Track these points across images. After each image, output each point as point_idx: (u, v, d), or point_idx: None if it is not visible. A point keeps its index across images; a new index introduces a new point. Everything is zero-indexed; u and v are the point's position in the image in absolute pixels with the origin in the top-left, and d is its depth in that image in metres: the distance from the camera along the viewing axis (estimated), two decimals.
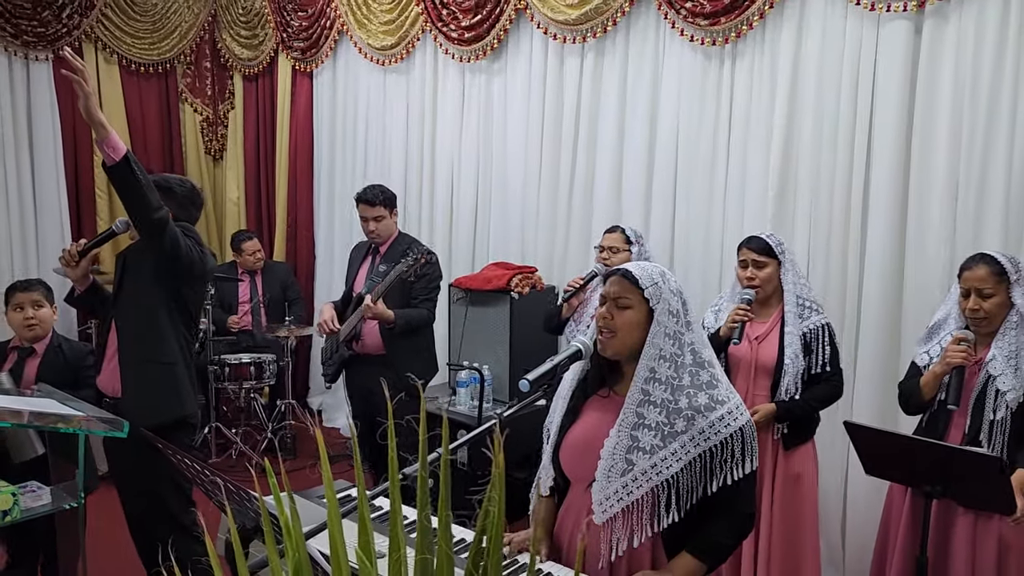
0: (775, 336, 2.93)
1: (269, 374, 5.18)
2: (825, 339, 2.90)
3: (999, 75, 3.14)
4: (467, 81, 5.06)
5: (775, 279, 2.95)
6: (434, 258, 3.91)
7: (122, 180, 2.62)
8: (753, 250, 2.95)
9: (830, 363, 2.90)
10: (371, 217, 3.85)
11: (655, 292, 1.77)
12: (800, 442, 2.93)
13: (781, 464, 2.92)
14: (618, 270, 1.84)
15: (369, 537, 0.89)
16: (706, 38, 3.87)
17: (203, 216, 6.58)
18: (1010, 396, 2.41)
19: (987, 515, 2.43)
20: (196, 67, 6.58)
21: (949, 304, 2.64)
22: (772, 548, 2.89)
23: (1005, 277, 2.46)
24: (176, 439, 2.91)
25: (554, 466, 1.92)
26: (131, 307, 2.92)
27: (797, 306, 2.92)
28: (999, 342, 2.46)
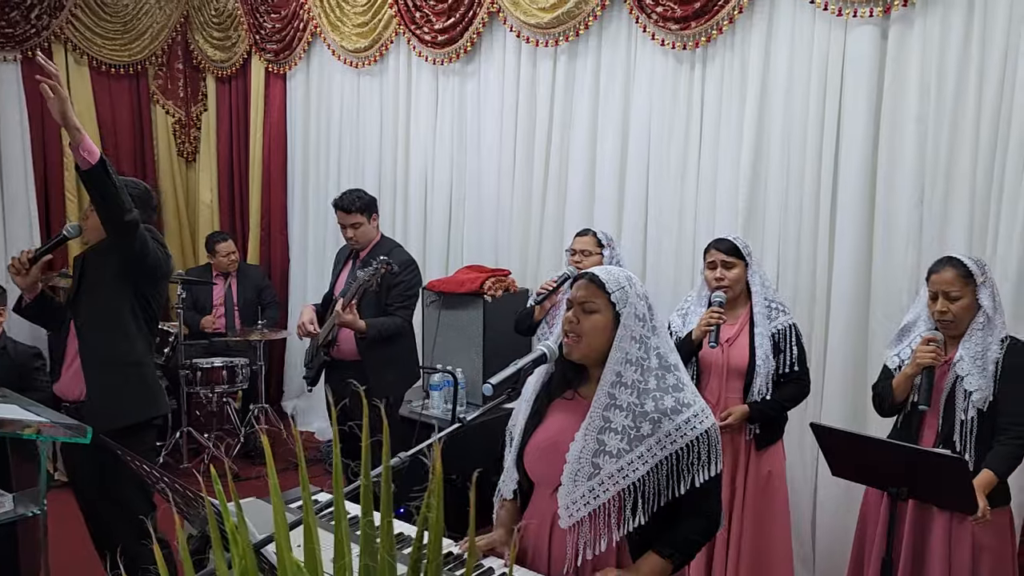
0: (744, 338, 2.96)
1: (242, 378, 5.14)
2: (793, 339, 2.96)
3: (963, 79, 3.18)
4: (440, 84, 5.05)
5: (743, 280, 2.99)
6: (413, 266, 3.85)
7: (97, 184, 2.60)
8: (721, 251, 2.98)
9: (798, 363, 2.96)
10: (348, 224, 3.81)
11: (621, 297, 1.78)
12: (771, 442, 2.99)
13: (753, 463, 2.97)
14: (585, 274, 1.85)
15: (315, 545, 0.88)
16: (677, 42, 3.89)
17: (176, 218, 6.63)
18: (977, 396, 2.45)
19: (961, 517, 2.45)
20: (168, 69, 6.52)
21: (919, 306, 2.67)
22: (743, 545, 2.92)
23: (971, 280, 2.49)
24: (142, 439, 2.90)
25: (518, 469, 1.92)
26: (94, 309, 2.89)
27: (765, 307, 2.96)
28: (966, 343, 2.50)
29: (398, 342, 3.82)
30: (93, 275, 2.90)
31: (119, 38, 6.24)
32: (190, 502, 1.49)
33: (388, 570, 0.76)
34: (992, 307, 2.49)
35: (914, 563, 2.54)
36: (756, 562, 2.92)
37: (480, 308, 4.34)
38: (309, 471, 3.05)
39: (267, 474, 0.99)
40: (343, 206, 3.80)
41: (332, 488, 0.95)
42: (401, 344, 3.86)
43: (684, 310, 3.14)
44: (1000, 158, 3.10)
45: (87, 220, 2.98)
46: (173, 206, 6.67)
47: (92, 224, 2.94)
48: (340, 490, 0.83)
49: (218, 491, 0.94)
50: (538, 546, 1.88)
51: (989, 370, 2.46)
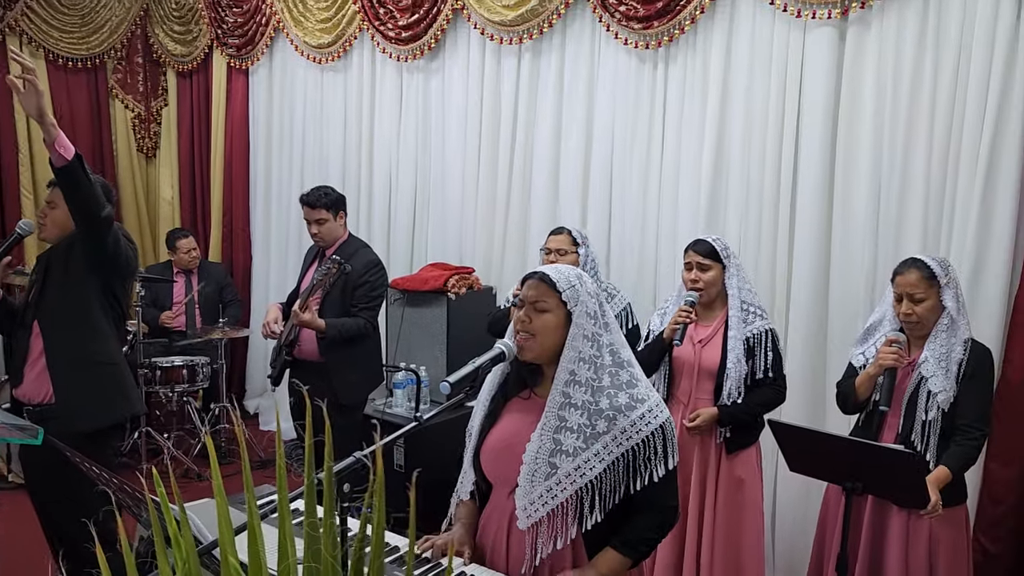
0: (719, 340, 2.93)
1: (202, 377, 5.07)
2: (768, 344, 2.91)
3: (918, 81, 3.24)
4: (405, 80, 5.03)
5: (719, 282, 2.95)
6: (378, 267, 3.79)
7: (73, 180, 2.56)
8: (698, 253, 2.95)
9: (772, 368, 2.90)
10: (313, 220, 3.75)
11: (572, 295, 1.78)
12: (742, 446, 2.94)
13: (724, 468, 2.92)
14: (535, 273, 1.84)
15: (259, 546, 0.87)
16: (640, 41, 3.91)
17: (136, 215, 6.52)
18: (941, 397, 2.47)
19: (919, 513, 2.49)
20: (127, 63, 6.41)
21: (884, 306, 2.69)
22: (715, 552, 2.89)
23: (936, 281, 2.51)
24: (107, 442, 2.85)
25: (475, 469, 1.91)
26: (61, 307, 2.82)
27: (741, 311, 2.92)
28: (931, 344, 2.52)
29: (361, 343, 3.76)
30: (57, 273, 2.83)
31: (77, 31, 6.12)
32: (140, 504, 1.47)
33: (332, 571, 0.75)
34: (956, 308, 2.51)
35: (872, 558, 2.57)
36: (726, 568, 2.89)
37: (444, 306, 4.33)
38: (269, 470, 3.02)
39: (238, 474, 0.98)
40: (308, 201, 3.75)
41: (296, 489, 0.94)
42: (365, 346, 3.80)
43: (664, 310, 3.11)
44: (954, 159, 3.17)
45: (45, 218, 2.91)
46: (133, 202, 6.56)
47: (52, 221, 2.88)
48: (284, 490, 0.82)
49: (160, 493, 0.92)
50: (496, 546, 1.87)
51: (953, 371, 2.48)
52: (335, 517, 0.76)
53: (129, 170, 6.51)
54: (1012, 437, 3.07)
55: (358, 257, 3.71)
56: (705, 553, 2.90)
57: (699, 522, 2.92)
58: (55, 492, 2.77)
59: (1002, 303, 3.09)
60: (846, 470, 2.38)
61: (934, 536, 2.48)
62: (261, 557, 0.88)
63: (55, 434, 2.45)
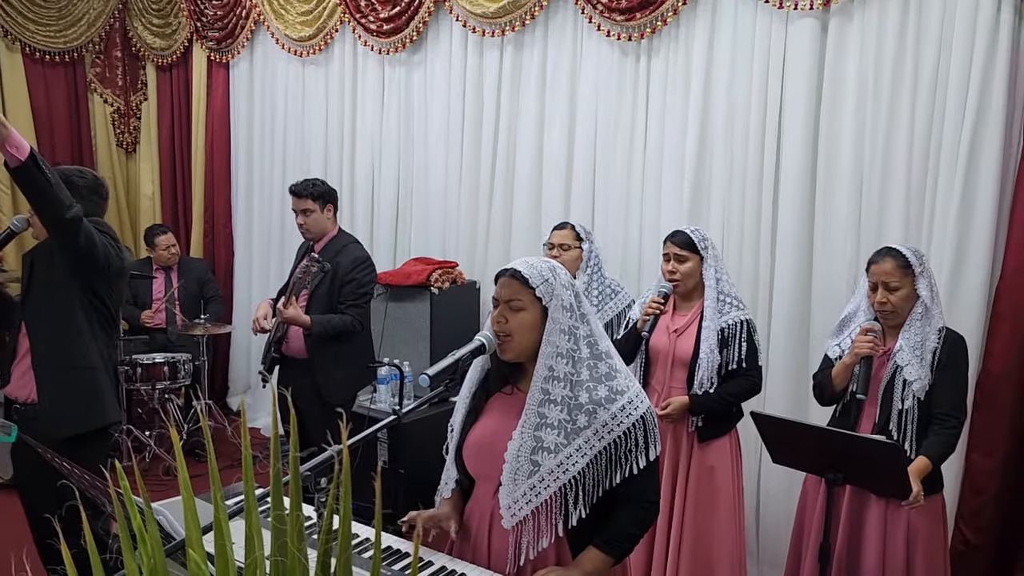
0: (693, 330, 2.95)
1: (184, 374, 5.02)
2: (743, 335, 2.91)
3: (900, 71, 3.24)
4: (387, 73, 5.00)
5: (696, 274, 2.96)
6: (365, 264, 3.69)
7: (29, 181, 2.43)
8: (676, 244, 2.96)
9: (747, 359, 2.91)
10: (299, 210, 3.67)
11: (547, 290, 1.75)
12: (716, 435, 2.94)
13: (696, 456, 2.94)
14: (506, 271, 1.80)
15: (226, 542, 0.85)
16: (622, 33, 3.90)
17: (116, 211, 6.45)
18: (916, 386, 2.48)
19: (896, 503, 2.50)
20: (106, 56, 6.34)
21: (859, 297, 2.70)
22: (683, 539, 2.91)
23: (910, 270, 2.52)
24: (96, 448, 2.77)
25: (457, 465, 1.90)
26: (43, 309, 2.75)
27: (717, 301, 2.93)
28: (906, 333, 2.53)
29: (349, 341, 3.67)
30: (42, 272, 2.75)
31: (54, 24, 6.04)
32: (110, 501, 1.44)
33: (298, 565, 0.73)
34: (930, 297, 2.52)
35: (850, 548, 2.58)
36: (696, 556, 2.90)
37: (427, 300, 4.30)
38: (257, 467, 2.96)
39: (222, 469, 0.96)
40: (295, 190, 3.68)
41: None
42: (352, 343, 3.71)
43: (643, 300, 3.11)
44: (935, 149, 3.18)
45: (34, 217, 2.80)
46: (113, 198, 6.43)
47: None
48: (250, 484, 0.80)
49: (124, 488, 0.90)
50: (478, 542, 1.86)
51: (927, 360, 2.49)
52: (300, 510, 0.74)
53: (109, 165, 6.44)
54: (993, 428, 3.09)
55: (346, 253, 3.65)
56: (674, 542, 2.91)
57: (670, 509, 2.93)
58: (42, 491, 2.73)
59: (983, 294, 3.10)
60: (828, 461, 2.38)
61: (912, 526, 2.50)
62: (228, 551, 0.86)
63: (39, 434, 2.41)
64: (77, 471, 1.53)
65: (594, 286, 3.45)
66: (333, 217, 3.76)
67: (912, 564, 2.51)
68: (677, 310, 3.00)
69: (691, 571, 2.88)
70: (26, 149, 2.39)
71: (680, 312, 3.00)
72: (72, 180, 2.80)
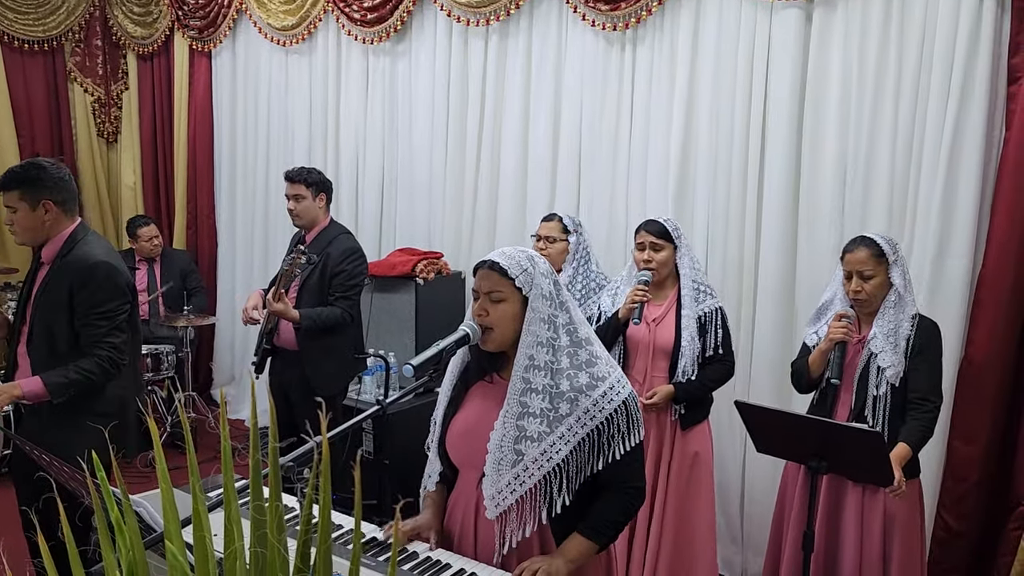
0: (671, 318, 2.98)
1: (167, 366, 4.98)
2: (718, 322, 2.98)
3: (884, 62, 3.25)
4: (371, 63, 4.96)
5: (671, 262, 3.00)
6: (355, 255, 3.66)
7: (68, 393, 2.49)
8: (651, 233, 2.99)
9: (722, 345, 2.98)
10: (290, 195, 3.65)
11: (526, 280, 1.75)
12: (695, 422, 3.00)
13: (679, 443, 2.99)
14: (484, 262, 1.80)
15: (205, 533, 0.84)
16: (607, 23, 3.88)
17: (97, 203, 6.38)
18: (890, 372, 2.52)
19: (873, 489, 2.54)
20: (86, 45, 6.25)
21: (834, 285, 2.74)
22: (665, 524, 2.94)
23: (884, 258, 2.56)
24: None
25: (440, 456, 1.89)
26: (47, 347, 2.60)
27: (693, 289, 2.98)
28: (880, 321, 2.57)
29: (338, 333, 3.65)
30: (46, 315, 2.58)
31: (32, 12, 5.96)
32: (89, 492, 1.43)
33: (277, 556, 0.72)
34: (903, 285, 2.57)
35: (828, 534, 2.62)
36: (679, 541, 2.94)
37: (412, 291, 4.29)
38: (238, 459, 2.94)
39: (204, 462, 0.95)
40: (288, 175, 3.67)
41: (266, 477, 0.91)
42: (342, 335, 3.69)
43: (614, 291, 3.14)
44: (918, 140, 3.19)
45: (13, 224, 2.65)
46: (94, 189, 6.41)
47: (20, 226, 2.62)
48: (230, 474, 0.79)
49: (101, 478, 0.88)
50: (464, 533, 1.86)
51: (901, 346, 2.54)
52: (280, 500, 0.73)
53: (89, 155, 6.36)
54: (974, 415, 3.12)
55: (337, 244, 3.63)
56: (655, 525, 2.94)
57: (652, 496, 2.96)
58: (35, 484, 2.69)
59: (965, 283, 3.12)
60: (811, 449, 2.40)
61: (888, 511, 2.54)
62: (208, 543, 0.85)
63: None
64: (56, 463, 1.51)
65: (579, 279, 3.45)
66: (325, 207, 3.74)
67: (889, 548, 2.55)
68: (652, 300, 3.01)
69: (672, 554, 2.92)
70: (42, 389, 2.45)
71: (656, 302, 3.02)
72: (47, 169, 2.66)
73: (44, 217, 2.58)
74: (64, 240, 2.61)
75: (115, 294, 2.56)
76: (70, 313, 2.53)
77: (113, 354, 2.54)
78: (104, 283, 2.54)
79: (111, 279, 2.56)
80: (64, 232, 2.62)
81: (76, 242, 2.61)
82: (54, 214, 2.59)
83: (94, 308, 2.52)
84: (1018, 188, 2.97)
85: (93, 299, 2.52)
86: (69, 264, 2.56)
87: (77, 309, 2.52)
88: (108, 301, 2.54)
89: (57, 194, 2.60)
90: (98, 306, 2.52)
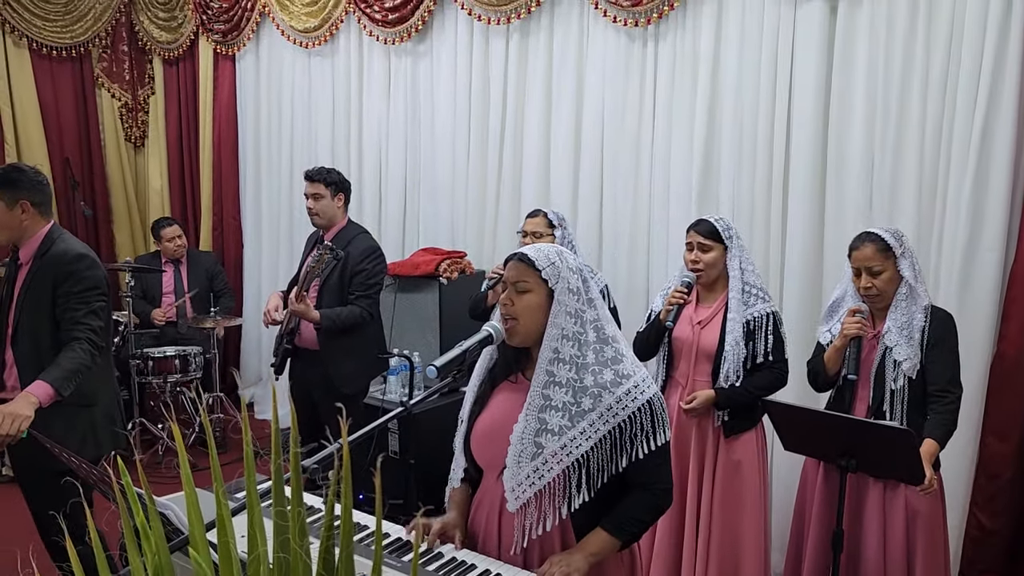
0: (718, 321, 2.87)
1: (195, 367, 5.03)
2: (769, 327, 2.83)
3: (911, 53, 3.20)
4: (393, 63, 4.97)
5: (720, 263, 2.88)
6: (375, 254, 3.67)
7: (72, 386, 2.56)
8: (700, 233, 2.89)
9: (773, 352, 2.83)
10: (309, 194, 3.67)
11: (553, 272, 1.75)
12: (742, 429, 2.88)
13: (723, 451, 2.88)
14: (515, 254, 1.81)
15: (228, 537, 0.84)
16: (628, 19, 3.86)
17: (125, 206, 6.45)
18: (906, 365, 2.49)
19: (894, 485, 2.51)
20: (113, 51, 6.33)
21: (845, 282, 2.71)
22: (712, 535, 2.86)
23: (891, 252, 2.53)
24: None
25: (465, 455, 1.89)
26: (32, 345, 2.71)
27: (742, 292, 2.85)
28: (893, 314, 2.54)
29: (359, 332, 3.66)
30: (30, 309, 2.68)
31: (60, 19, 6.04)
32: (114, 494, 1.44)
33: (299, 560, 0.72)
34: (913, 277, 2.53)
35: (851, 530, 2.58)
36: (725, 552, 2.85)
37: (436, 291, 4.30)
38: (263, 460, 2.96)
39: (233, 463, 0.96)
40: (308, 174, 3.69)
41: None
42: (363, 335, 3.70)
43: (666, 290, 3.04)
44: (947, 132, 3.13)
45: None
46: (122, 193, 6.50)
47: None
48: (252, 478, 0.79)
49: (127, 483, 0.89)
50: (488, 531, 1.86)
51: (916, 338, 2.51)
52: (301, 504, 0.73)
53: (117, 160, 6.44)
54: (1008, 412, 3.06)
55: (356, 243, 3.64)
56: (703, 536, 2.87)
57: (697, 505, 2.89)
58: (41, 487, 2.73)
59: (997, 278, 3.07)
60: (841, 448, 2.37)
61: (911, 507, 2.50)
62: (232, 549, 0.85)
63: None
64: (86, 466, 1.52)
65: None
66: (344, 208, 3.75)
67: (913, 544, 2.51)
68: (701, 301, 2.94)
69: (719, 568, 2.85)
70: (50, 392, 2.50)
71: (704, 304, 2.94)
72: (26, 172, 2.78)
73: (21, 216, 2.71)
74: (41, 239, 2.76)
75: (95, 284, 2.70)
76: (52, 307, 2.67)
77: (92, 336, 2.65)
78: (86, 273, 2.69)
79: (92, 270, 2.71)
80: (40, 232, 2.77)
81: (54, 240, 2.76)
82: (31, 214, 2.73)
83: (73, 295, 2.66)
84: None
85: (74, 287, 2.66)
86: (51, 259, 2.70)
87: (59, 300, 2.66)
88: (87, 291, 2.68)
89: (34, 195, 2.74)
90: (77, 293, 2.66)
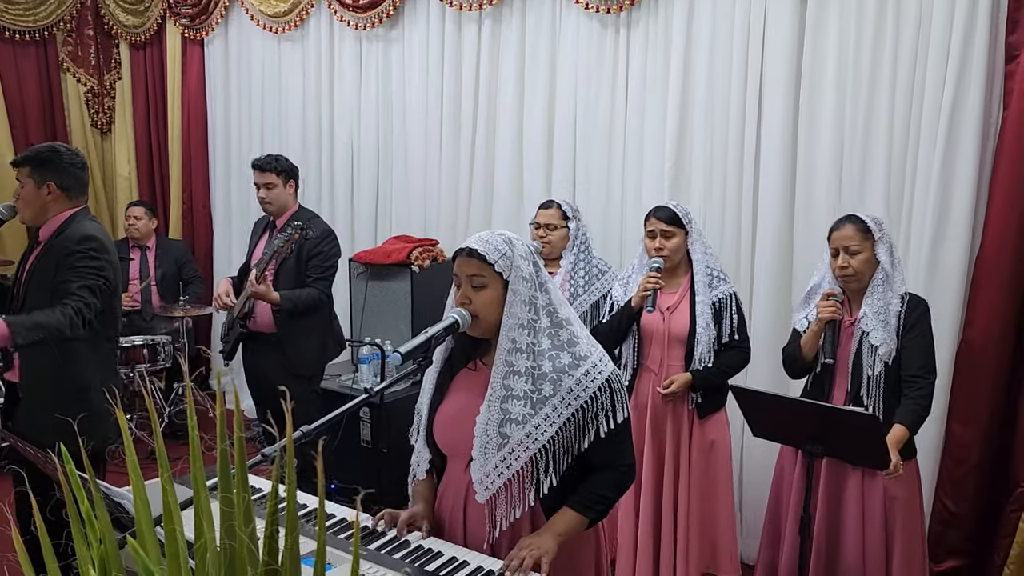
0: (685, 305, 2.94)
1: (164, 356, 4.97)
2: (733, 308, 2.94)
3: (880, 45, 3.22)
4: (364, 49, 4.92)
5: (683, 249, 2.95)
6: (331, 236, 3.75)
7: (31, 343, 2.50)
8: (661, 220, 2.93)
9: (738, 331, 2.94)
10: (261, 184, 3.72)
11: (506, 264, 1.74)
12: (713, 410, 2.97)
13: (696, 432, 2.96)
14: (462, 250, 1.79)
15: (176, 526, 0.82)
16: (601, 5, 3.84)
17: (92, 193, 6.33)
18: (883, 350, 2.53)
19: (873, 472, 2.53)
20: (78, 34, 6.19)
21: (822, 269, 2.73)
22: (691, 515, 2.93)
23: (870, 235, 2.56)
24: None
25: (428, 445, 1.88)
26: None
27: (706, 275, 2.93)
28: (868, 300, 2.57)
29: (316, 314, 3.73)
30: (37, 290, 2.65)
31: (22, 2, 5.89)
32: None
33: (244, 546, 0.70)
34: (890, 263, 2.57)
35: (829, 518, 2.62)
36: (703, 530, 2.94)
37: (408, 279, 4.27)
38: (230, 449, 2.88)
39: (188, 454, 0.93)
40: (258, 164, 3.73)
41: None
42: (319, 317, 3.77)
43: (626, 279, 3.09)
44: (915, 123, 3.17)
45: (18, 200, 2.77)
46: (89, 180, 6.36)
47: (24, 202, 2.73)
48: (199, 464, 0.77)
49: (71, 471, 0.86)
50: (453, 518, 1.86)
51: (892, 324, 2.54)
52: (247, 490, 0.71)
53: (83, 145, 6.29)
54: (973, 398, 3.10)
55: (311, 227, 3.66)
56: (682, 515, 2.93)
57: (674, 487, 2.95)
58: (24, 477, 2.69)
59: (963, 265, 3.10)
60: (808, 434, 2.39)
61: (889, 493, 2.54)
62: (179, 537, 0.83)
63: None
64: (41, 456, 1.49)
65: (580, 266, 3.42)
66: (294, 194, 3.82)
67: (891, 530, 2.54)
68: (665, 288, 2.96)
69: (699, 544, 2.93)
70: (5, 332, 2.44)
71: (669, 289, 2.97)
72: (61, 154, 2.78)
73: (46, 197, 2.70)
74: (62, 221, 2.72)
75: (95, 265, 2.64)
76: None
77: (82, 307, 2.58)
78: (88, 252, 2.64)
79: (96, 252, 2.65)
80: (63, 215, 2.74)
81: (73, 223, 2.72)
82: (55, 196, 2.71)
83: (71, 269, 2.61)
84: (1016, 167, 2.94)
85: (75, 263, 2.61)
86: (61, 239, 2.67)
87: (58, 276, 2.62)
88: (85, 267, 2.62)
89: (64, 179, 2.73)
90: (74, 268, 2.61)
